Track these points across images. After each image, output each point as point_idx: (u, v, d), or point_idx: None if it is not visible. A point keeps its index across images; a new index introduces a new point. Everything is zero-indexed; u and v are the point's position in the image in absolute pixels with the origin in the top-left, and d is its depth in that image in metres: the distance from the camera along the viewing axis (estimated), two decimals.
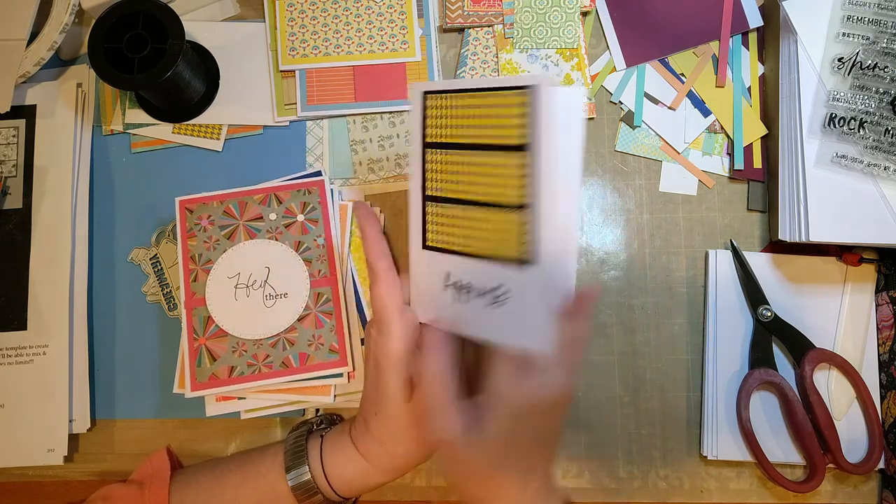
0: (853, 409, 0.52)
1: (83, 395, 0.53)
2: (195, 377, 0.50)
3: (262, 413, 0.52)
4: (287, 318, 0.51)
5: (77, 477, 0.54)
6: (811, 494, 0.51)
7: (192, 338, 0.51)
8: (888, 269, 0.53)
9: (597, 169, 0.57)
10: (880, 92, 0.50)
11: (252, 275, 0.52)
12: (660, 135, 0.57)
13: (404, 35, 0.57)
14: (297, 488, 0.45)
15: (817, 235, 0.49)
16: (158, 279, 0.55)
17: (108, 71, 0.50)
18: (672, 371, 0.54)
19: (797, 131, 0.51)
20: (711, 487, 0.53)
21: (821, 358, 0.52)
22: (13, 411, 0.52)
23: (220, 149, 0.57)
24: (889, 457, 0.51)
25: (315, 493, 0.45)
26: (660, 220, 0.56)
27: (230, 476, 0.47)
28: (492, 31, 0.58)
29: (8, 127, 0.56)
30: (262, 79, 0.58)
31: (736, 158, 0.56)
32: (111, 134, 0.58)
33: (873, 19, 0.51)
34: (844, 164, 0.50)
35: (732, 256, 0.54)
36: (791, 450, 0.52)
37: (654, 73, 0.57)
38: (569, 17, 0.57)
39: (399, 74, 0.57)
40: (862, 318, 0.53)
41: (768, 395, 0.53)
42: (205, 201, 0.53)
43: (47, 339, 0.53)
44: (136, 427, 0.54)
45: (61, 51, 0.58)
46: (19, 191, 0.55)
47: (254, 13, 0.59)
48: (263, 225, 0.53)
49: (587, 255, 0.56)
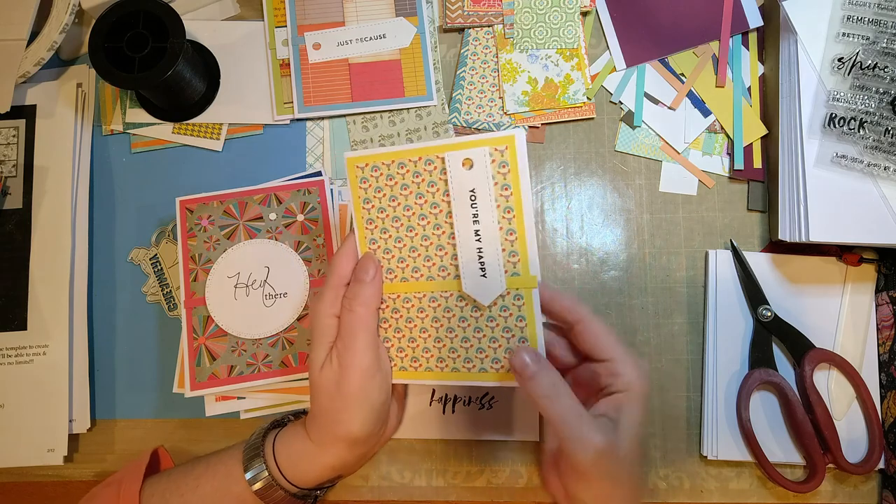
0: (853, 409, 0.52)
1: (83, 395, 0.53)
2: (195, 377, 0.50)
3: (262, 413, 0.52)
4: (286, 317, 0.51)
5: (77, 477, 0.54)
6: (811, 494, 0.51)
7: (191, 337, 0.51)
8: (888, 269, 0.53)
9: (597, 169, 0.57)
10: (880, 92, 0.50)
11: (252, 275, 0.52)
12: (660, 135, 0.57)
13: None
14: (253, 481, 0.44)
15: (817, 235, 0.49)
16: (158, 279, 0.55)
17: (108, 70, 0.50)
18: (672, 371, 0.54)
19: (797, 131, 0.51)
20: (711, 487, 0.53)
21: (821, 358, 0.52)
22: (13, 411, 0.52)
23: (220, 149, 0.57)
24: (889, 457, 0.51)
25: (272, 487, 0.44)
26: (660, 220, 0.56)
27: (195, 471, 0.47)
28: (492, 31, 0.58)
29: (8, 127, 0.56)
30: (262, 78, 0.58)
31: (736, 158, 0.56)
32: (111, 134, 0.58)
33: (873, 19, 0.51)
34: (844, 164, 0.50)
35: (732, 256, 0.54)
36: (791, 450, 0.52)
37: (654, 73, 0.57)
38: (569, 17, 0.57)
39: (395, 73, 0.57)
40: (862, 318, 0.53)
41: (768, 395, 0.53)
42: (205, 201, 0.53)
43: (47, 339, 0.53)
44: (136, 427, 0.54)
45: (61, 51, 0.58)
46: (19, 191, 0.55)
47: (254, 13, 0.59)
48: (263, 225, 0.53)
49: (587, 255, 0.56)
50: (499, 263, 0.39)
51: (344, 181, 0.56)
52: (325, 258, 0.52)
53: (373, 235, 0.42)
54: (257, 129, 0.57)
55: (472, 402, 0.53)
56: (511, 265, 0.39)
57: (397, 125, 0.57)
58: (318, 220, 0.53)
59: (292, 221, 0.53)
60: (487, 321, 0.40)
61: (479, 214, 0.39)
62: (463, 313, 0.41)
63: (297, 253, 0.52)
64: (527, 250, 0.39)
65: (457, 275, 0.40)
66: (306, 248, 0.53)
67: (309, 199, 0.53)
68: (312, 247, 0.53)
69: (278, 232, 0.53)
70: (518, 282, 0.39)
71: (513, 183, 0.38)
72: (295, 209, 0.53)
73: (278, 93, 0.57)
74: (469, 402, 0.53)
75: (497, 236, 0.39)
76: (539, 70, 0.57)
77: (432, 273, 0.41)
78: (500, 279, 0.39)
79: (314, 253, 0.52)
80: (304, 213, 0.53)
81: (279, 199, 0.53)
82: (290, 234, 0.53)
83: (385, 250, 0.42)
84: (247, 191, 0.53)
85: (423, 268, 0.41)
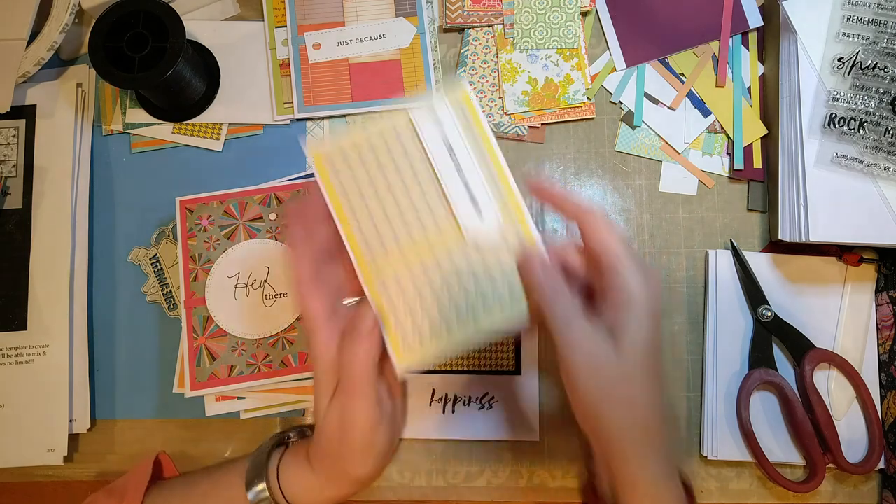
0: (853, 409, 0.52)
1: (83, 395, 0.53)
2: (195, 377, 0.50)
3: (262, 413, 0.52)
4: (286, 317, 0.51)
5: (77, 477, 0.54)
6: (811, 494, 0.51)
7: (191, 337, 0.51)
8: (888, 269, 0.53)
9: (597, 169, 0.57)
10: (880, 92, 0.50)
11: (252, 275, 0.52)
12: (660, 135, 0.57)
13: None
14: (255, 502, 0.44)
15: (817, 235, 0.49)
16: (158, 279, 0.55)
17: (108, 70, 0.50)
18: (672, 371, 0.54)
19: (797, 131, 0.51)
20: (711, 487, 0.53)
21: (821, 358, 0.52)
22: (13, 411, 0.52)
23: (220, 149, 0.57)
24: (889, 457, 0.51)
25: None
26: (660, 220, 0.56)
27: (200, 486, 0.47)
28: (492, 31, 0.58)
29: (8, 127, 0.56)
30: (262, 78, 0.58)
31: (736, 158, 0.56)
32: (111, 134, 0.58)
33: (873, 19, 0.51)
34: (844, 164, 0.50)
35: (732, 256, 0.54)
36: (791, 450, 0.52)
37: (654, 73, 0.57)
38: (569, 17, 0.57)
39: (395, 73, 0.57)
40: (862, 318, 0.53)
41: (768, 395, 0.53)
42: (205, 201, 0.53)
43: (47, 339, 0.53)
44: (136, 427, 0.54)
45: (61, 51, 0.58)
46: (19, 191, 0.55)
47: (254, 13, 0.59)
48: (263, 225, 0.53)
49: None
50: (491, 203, 0.40)
51: None
52: None
53: (360, 225, 0.40)
54: (257, 129, 0.57)
55: (472, 402, 0.53)
56: (502, 203, 0.40)
57: None
58: None
59: None
60: (483, 265, 0.40)
61: (460, 162, 0.40)
62: (460, 267, 0.40)
63: None
64: (510, 186, 0.40)
65: (455, 229, 0.40)
66: None
67: None
68: None
69: (278, 232, 0.53)
70: (508, 218, 0.40)
71: (477, 126, 0.40)
72: None
73: (278, 93, 0.57)
74: (469, 402, 0.53)
75: (482, 179, 0.40)
76: (539, 70, 0.57)
77: (430, 238, 0.40)
78: (497, 217, 0.40)
79: None
80: None
81: (279, 199, 0.53)
82: None
83: (375, 234, 0.41)
84: (247, 191, 0.53)
85: (419, 236, 0.41)
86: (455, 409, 0.53)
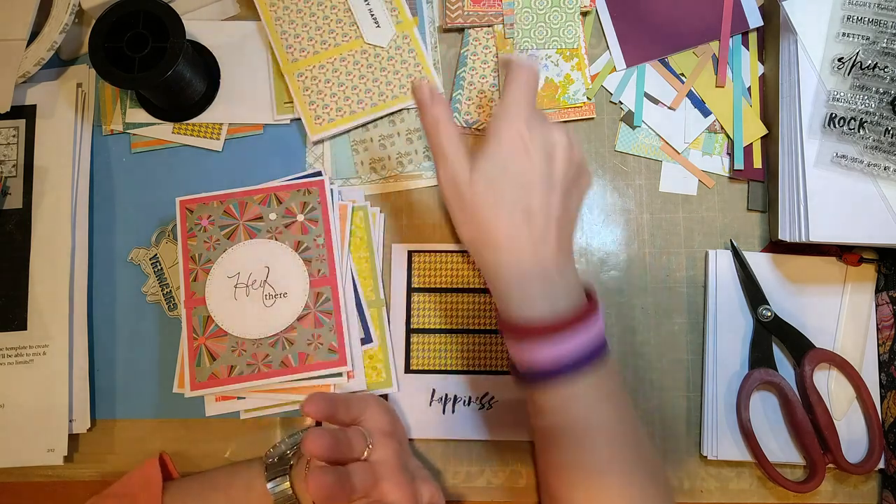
0: (853, 409, 0.52)
1: (83, 395, 0.53)
2: (195, 377, 0.50)
3: (262, 413, 0.52)
4: (286, 317, 0.51)
5: (77, 477, 0.54)
6: (811, 494, 0.51)
7: (191, 337, 0.51)
8: (888, 269, 0.53)
9: (597, 169, 0.57)
10: (880, 92, 0.50)
11: (252, 274, 0.52)
12: (660, 135, 0.57)
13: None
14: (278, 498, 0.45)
15: (817, 235, 0.49)
16: (158, 279, 0.55)
17: (108, 70, 0.50)
18: (672, 371, 0.54)
19: (797, 131, 0.51)
20: (711, 487, 0.53)
21: (821, 358, 0.52)
22: (13, 411, 0.52)
23: (220, 149, 0.57)
24: (889, 457, 0.51)
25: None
26: (660, 220, 0.56)
27: (220, 483, 0.47)
28: (492, 31, 0.58)
29: (8, 127, 0.56)
30: (262, 78, 0.58)
31: (736, 158, 0.56)
32: (111, 134, 0.58)
33: (873, 19, 0.51)
34: (844, 164, 0.50)
35: (732, 256, 0.54)
36: (791, 450, 0.52)
37: (654, 73, 0.57)
38: (569, 17, 0.57)
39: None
40: (862, 318, 0.53)
41: (768, 395, 0.53)
42: (205, 201, 0.53)
43: (47, 339, 0.53)
44: (136, 427, 0.54)
45: (61, 51, 0.58)
46: (19, 191, 0.55)
47: (254, 13, 0.59)
48: (263, 225, 0.53)
49: (587, 255, 0.56)
50: (386, 16, 0.55)
51: (344, 181, 0.56)
52: (324, 258, 0.52)
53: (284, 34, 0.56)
54: (257, 129, 0.57)
55: (472, 402, 0.53)
56: (395, 17, 0.56)
57: (397, 125, 0.57)
58: (318, 220, 0.53)
59: (292, 221, 0.53)
60: (388, 61, 0.55)
61: None
62: (368, 61, 0.55)
63: (297, 253, 0.52)
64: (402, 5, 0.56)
65: (358, 35, 0.55)
66: (306, 248, 0.53)
67: (309, 199, 0.53)
68: (312, 247, 0.53)
69: (278, 232, 0.53)
70: (401, 27, 0.56)
71: None
72: (295, 209, 0.53)
73: (278, 93, 0.57)
74: (469, 402, 0.53)
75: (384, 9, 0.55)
76: (540, 70, 0.57)
77: (337, 40, 0.55)
78: (390, 25, 0.55)
79: (314, 253, 0.52)
80: (304, 213, 0.53)
81: (279, 199, 0.53)
82: (291, 234, 0.53)
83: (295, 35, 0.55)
84: (247, 191, 0.53)
85: (329, 39, 0.55)
86: (455, 409, 0.53)
